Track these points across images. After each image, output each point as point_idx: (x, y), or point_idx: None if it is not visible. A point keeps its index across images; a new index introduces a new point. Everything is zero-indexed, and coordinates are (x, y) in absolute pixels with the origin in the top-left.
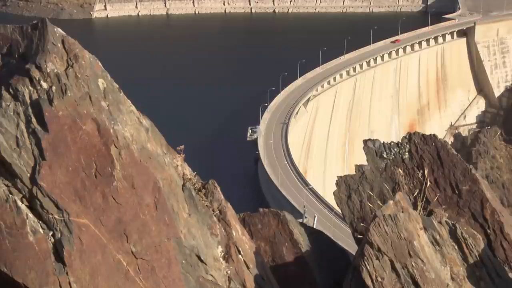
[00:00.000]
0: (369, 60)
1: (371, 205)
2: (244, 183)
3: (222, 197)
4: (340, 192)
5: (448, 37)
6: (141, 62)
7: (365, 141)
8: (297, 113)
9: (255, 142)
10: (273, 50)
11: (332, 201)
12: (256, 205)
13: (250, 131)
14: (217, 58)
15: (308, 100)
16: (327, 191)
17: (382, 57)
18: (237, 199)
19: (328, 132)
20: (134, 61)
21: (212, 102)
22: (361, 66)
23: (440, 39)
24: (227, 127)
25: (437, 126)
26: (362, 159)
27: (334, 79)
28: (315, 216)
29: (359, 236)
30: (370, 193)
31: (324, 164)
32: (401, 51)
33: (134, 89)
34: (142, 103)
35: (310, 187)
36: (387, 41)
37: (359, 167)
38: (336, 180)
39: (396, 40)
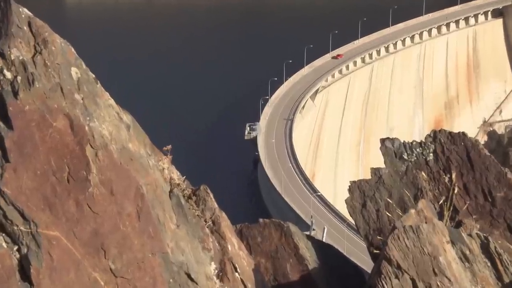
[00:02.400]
0: (388, 45)
1: (389, 215)
2: (242, 189)
3: (216, 205)
4: (353, 199)
5: (481, 17)
6: (121, 49)
7: (382, 140)
8: (303, 107)
9: (254, 141)
10: (275, 33)
11: (344, 210)
12: (256, 215)
13: (248, 128)
14: (208, 43)
15: (316, 92)
16: (339, 198)
17: (403, 41)
18: (234, 207)
19: (339, 130)
20: (113, 48)
21: (203, 94)
22: (378, 52)
23: (471, 20)
24: (221, 123)
25: (468, 123)
26: (379, 162)
27: (347, 67)
28: (324, 228)
29: (375, 251)
30: (389, 200)
31: (334, 166)
32: (425, 35)
33: (113, 79)
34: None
35: (319, 194)
36: (329, 56)
37: (375, 171)
38: (349, 186)
39: (338, 55)
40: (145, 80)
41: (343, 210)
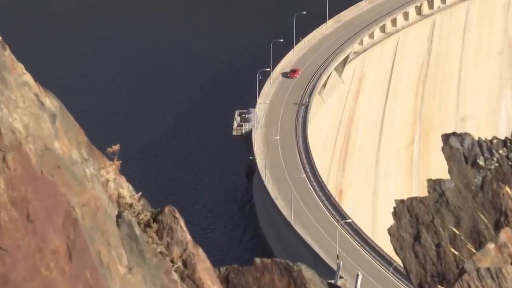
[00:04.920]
0: None
1: (455, 252)
2: (229, 212)
3: (189, 237)
4: (400, 228)
5: None
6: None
7: (445, 137)
8: (324, 85)
9: (247, 138)
10: None
11: (387, 246)
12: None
13: (238, 118)
14: None
15: (345, 62)
16: (380, 227)
17: None
18: (217, 240)
19: (381, 121)
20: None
21: (171, 68)
22: None
23: None
24: (197, 111)
25: None
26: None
27: (394, 22)
28: (358, 274)
29: None
30: (455, 230)
31: (374, 178)
32: None
33: (33, 48)
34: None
35: (349, 220)
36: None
37: (435, 184)
38: (394, 208)
39: (292, 72)
40: (86, 48)
41: (387, 245)
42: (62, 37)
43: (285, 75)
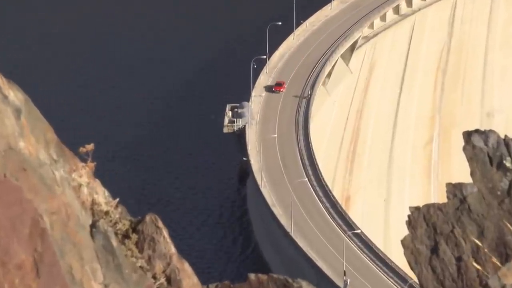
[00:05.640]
0: None
1: (478, 266)
2: (219, 221)
3: (173, 249)
4: (415, 240)
5: None
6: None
7: (467, 135)
8: (329, 75)
9: (240, 136)
10: None
11: (401, 260)
12: (244, 266)
13: (230, 113)
14: None
15: (353, 48)
16: (393, 238)
17: None
18: (206, 253)
19: (395, 115)
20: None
21: (154, 58)
22: None
23: None
24: (183, 105)
25: None
26: (465, 173)
27: (409, 1)
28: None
29: None
30: (477, 242)
31: (386, 183)
32: None
33: None
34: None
35: (357, 231)
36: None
37: (455, 189)
38: (409, 216)
39: (277, 85)
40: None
41: (401, 259)
42: (31, 23)
43: (274, 89)
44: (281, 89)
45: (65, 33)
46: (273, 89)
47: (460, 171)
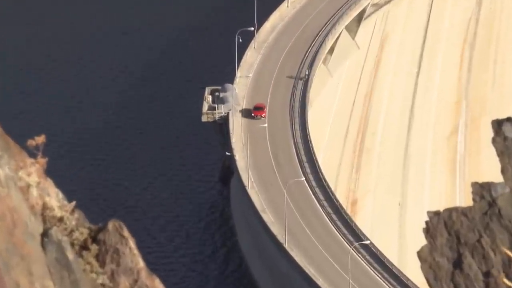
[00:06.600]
0: None
1: (510, 284)
2: (196, 229)
3: (142, 262)
4: (434, 251)
5: None
6: None
7: (497, 124)
8: (331, 50)
9: (222, 127)
10: None
11: (418, 276)
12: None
13: (209, 98)
14: None
15: (360, 17)
16: (410, 250)
17: None
18: (180, 268)
19: (412, 101)
20: None
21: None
22: None
23: None
24: (156, 91)
25: None
26: (496, 169)
27: None
28: None
29: None
30: (509, 253)
31: (401, 182)
32: None
33: None
34: None
35: (366, 242)
36: None
37: (483, 190)
38: (427, 222)
39: (257, 110)
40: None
41: (417, 275)
42: None
43: (253, 114)
44: (263, 114)
45: (13, 16)
46: (252, 114)
47: (490, 168)
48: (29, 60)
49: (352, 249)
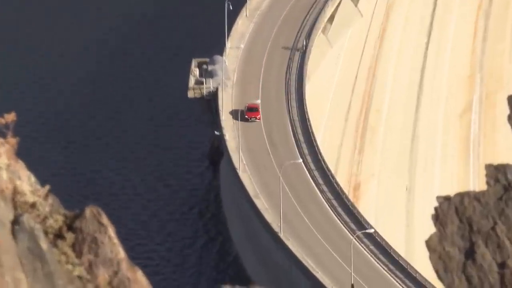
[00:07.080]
0: None
1: None
2: (183, 217)
3: (123, 253)
4: (444, 240)
5: None
6: None
7: None
8: (331, 18)
9: (210, 103)
10: None
11: (426, 268)
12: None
13: (196, 71)
14: None
15: None
16: (417, 239)
17: None
18: (164, 259)
19: (421, 74)
20: None
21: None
22: None
23: None
24: (137, 64)
25: None
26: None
27: None
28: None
29: None
30: None
31: (409, 164)
32: None
33: None
34: None
35: (370, 231)
36: None
37: (498, 172)
38: (436, 208)
39: (250, 111)
40: None
41: (426, 267)
42: None
43: (246, 116)
44: (257, 116)
45: None
46: (245, 116)
47: (506, 149)
48: None
49: (355, 239)
